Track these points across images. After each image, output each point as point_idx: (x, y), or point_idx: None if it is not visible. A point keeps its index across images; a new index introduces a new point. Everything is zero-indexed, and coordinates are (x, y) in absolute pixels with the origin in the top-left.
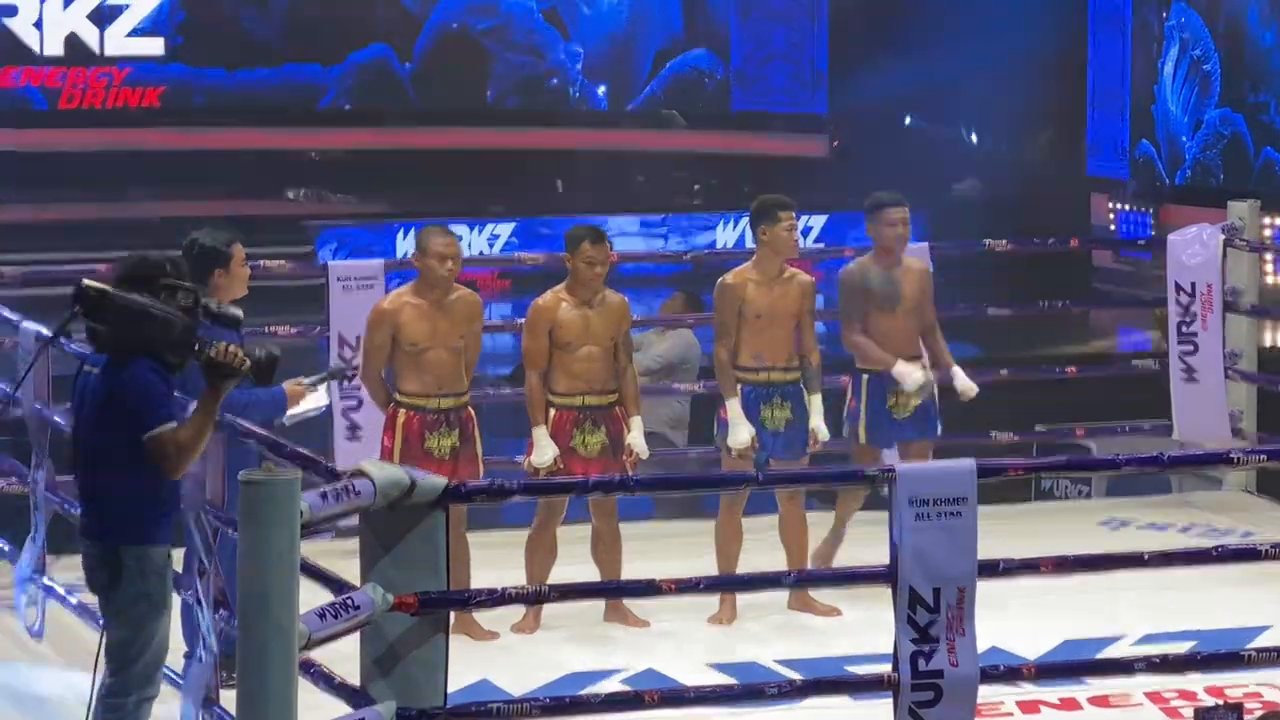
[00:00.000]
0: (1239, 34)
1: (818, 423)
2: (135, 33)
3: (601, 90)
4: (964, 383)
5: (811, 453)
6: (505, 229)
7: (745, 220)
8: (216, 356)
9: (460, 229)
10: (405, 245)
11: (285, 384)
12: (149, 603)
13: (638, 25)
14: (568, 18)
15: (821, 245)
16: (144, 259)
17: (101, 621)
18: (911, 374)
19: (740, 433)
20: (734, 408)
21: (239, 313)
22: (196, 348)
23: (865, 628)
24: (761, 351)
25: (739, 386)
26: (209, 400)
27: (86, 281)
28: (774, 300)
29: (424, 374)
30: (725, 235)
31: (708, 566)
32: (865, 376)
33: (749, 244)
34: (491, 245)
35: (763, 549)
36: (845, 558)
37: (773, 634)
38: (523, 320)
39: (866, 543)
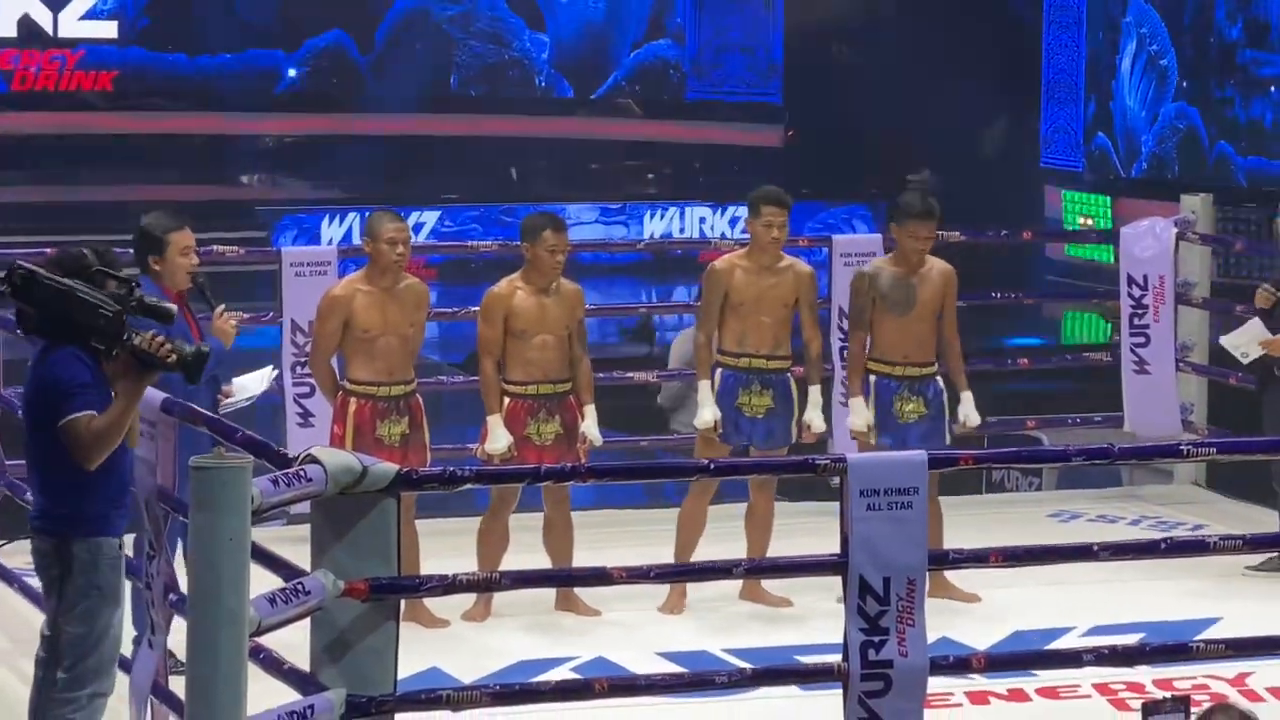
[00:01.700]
0: (1204, 28)
1: (813, 415)
2: (91, 15)
3: (569, 80)
4: (968, 412)
5: (805, 444)
6: (431, 217)
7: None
8: (141, 345)
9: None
10: (334, 232)
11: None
12: (100, 596)
13: (615, 16)
14: (544, 6)
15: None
16: (82, 247)
17: (47, 616)
18: (855, 418)
19: (704, 413)
20: (703, 389)
21: (172, 307)
22: (125, 337)
23: (815, 618)
24: (745, 338)
25: (718, 371)
26: (129, 391)
27: (18, 262)
28: (763, 289)
29: (375, 361)
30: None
31: (662, 555)
32: (874, 377)
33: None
34: (417, 233)
35: (724, 538)
36: (797, 548)
37: (723, 623)
38: (475, 309)
39: (818, 533)
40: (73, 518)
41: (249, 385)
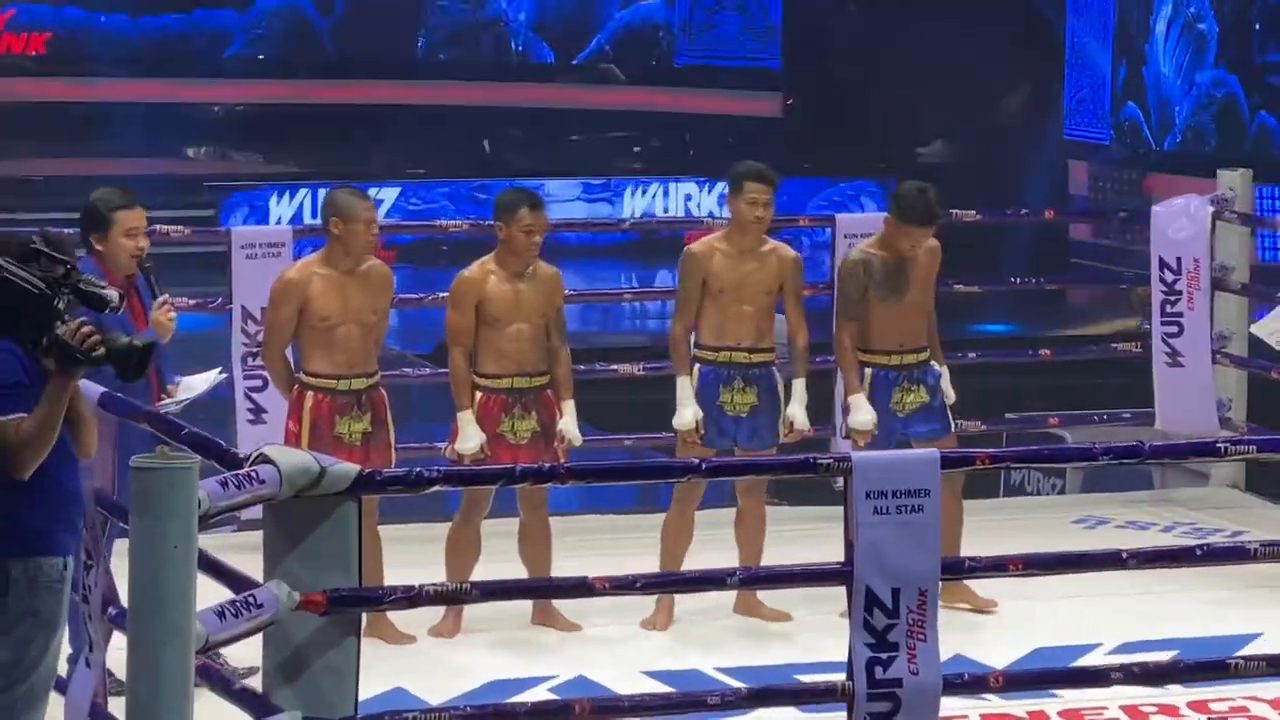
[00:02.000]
0: None
1: (796, 410)
2: None
3: (548, 44)
4: (945, 387)
5: (789, 443)
6: (390, 193)
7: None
8: (65, 337)
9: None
10: (283, 211)
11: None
12: (37, 621)
13: None
14: None
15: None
16: (13, 231)
17: None
18: (857, 415)
19: (684, 413)
20: (682, 386)
21: (113, 294)
22: (53, 325)
23: (817, 633)
24: (725, 329)
25: (696, 367)
26: (54, 389)
27: None
28: (744, 275)
29: (334, 352)
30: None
31: (649, 565)
32: (869, 370)
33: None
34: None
35: (716, 546)
36: (796, 556)
37: (716, 639)
38: (444, 294)
39: (820, 540)
40: (8, 534)
41: (195, 385)
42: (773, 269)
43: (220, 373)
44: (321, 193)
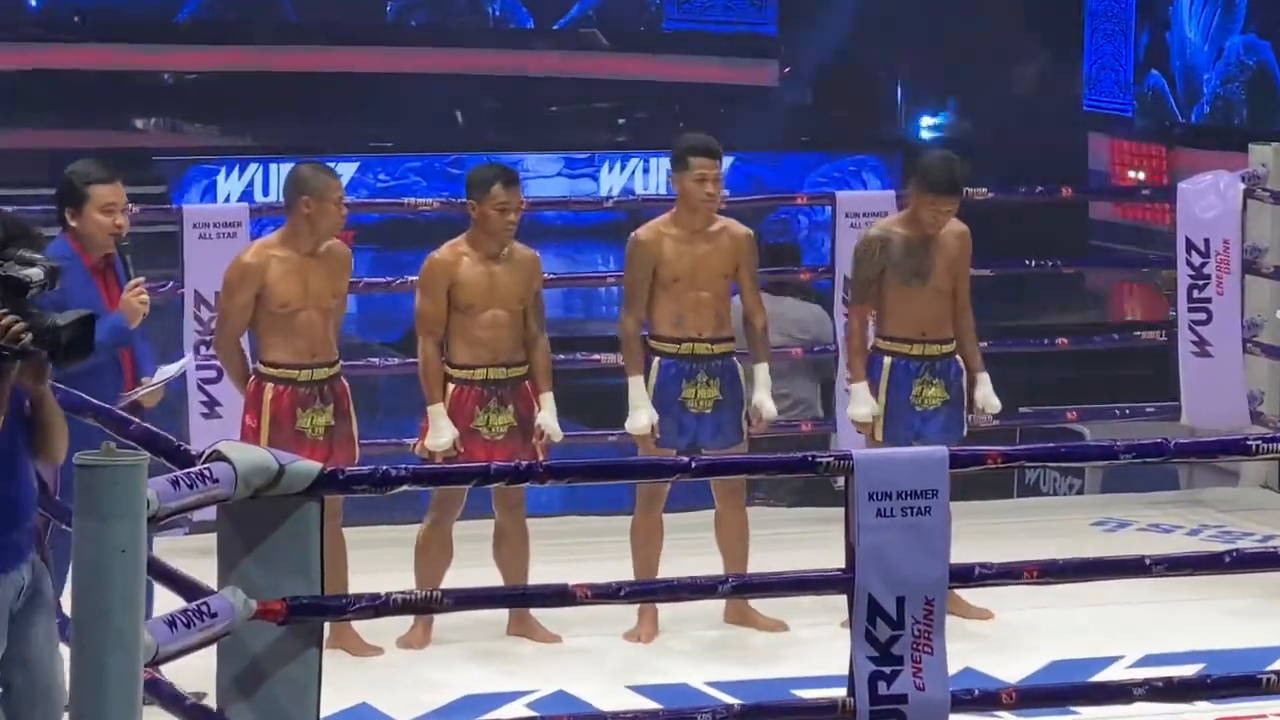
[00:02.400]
0: None
1: (761, 397)
2: None
3: (527, 8)
4: (986, 396)
5: (754, 436)
6: (348, 168)
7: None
8: None
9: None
10: (232, 188)
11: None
12: None
13: None
14: None
15: (749, 197)
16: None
17: None
18: (858, 407)
19: (638, 417)
20: (635, 387)
21: (35, 273)
22: None
23: (815, 644)
24: (683, 320)
25: (656, 361)
26: None
27: None
28: (698, 259)
29: (295, 339)
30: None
31: (633, 571)
32: (888, 359)
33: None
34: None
35: (692, 551)
36: (793, 562)
37: (706, 651)
38: (413, 278)
39: (819, 544)
40: None
41: (167, 371)
42: (726, 250)
43: (188, 359)
44: (278, 168)
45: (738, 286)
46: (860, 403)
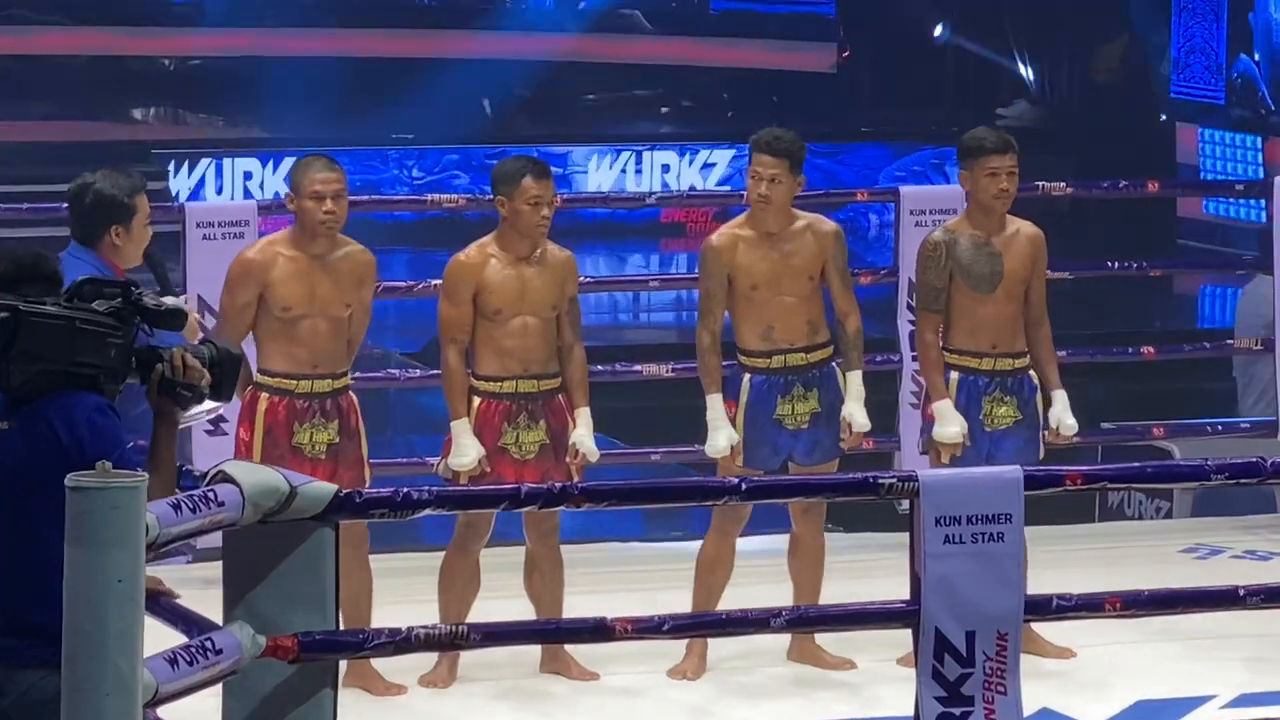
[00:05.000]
0: None
1: (853, 408)
2: None
3: None
4: (1061, 416)
5: (850, 452)
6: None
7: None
8: (175, 375)
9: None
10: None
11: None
12: None
13: None
14: None
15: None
16: (20, 252)
17: None
18: (946, 427)
19: (718, 438)
20: (714, 405)
21: (181, 303)
22: (135, 364)
23: (877, 683)
24: (772, 330)
25: (746, 378)
26: (166, 435)
27: None
28: (776, 262)
29: (295, 347)
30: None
31: (677, 603)
32: (955, 374)
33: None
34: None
35: (762, 579)
36: (855, 593)
37: (761, 690)
38: (437, 282)
39: (883, 574)
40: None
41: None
42: (812, 249)
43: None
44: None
45: (827, 287)
46: (949, 421)
